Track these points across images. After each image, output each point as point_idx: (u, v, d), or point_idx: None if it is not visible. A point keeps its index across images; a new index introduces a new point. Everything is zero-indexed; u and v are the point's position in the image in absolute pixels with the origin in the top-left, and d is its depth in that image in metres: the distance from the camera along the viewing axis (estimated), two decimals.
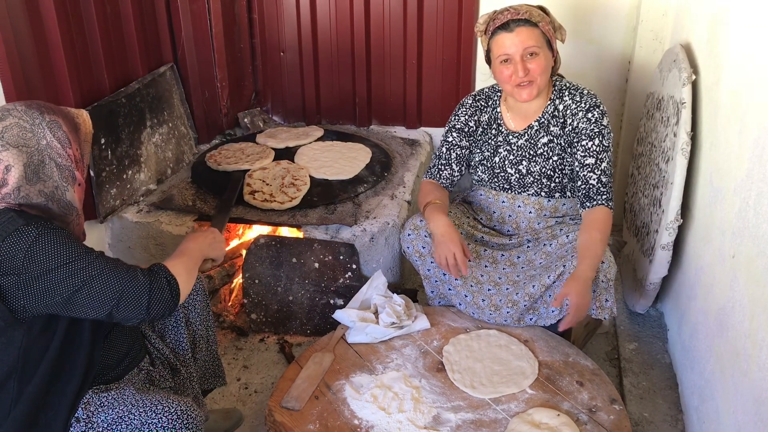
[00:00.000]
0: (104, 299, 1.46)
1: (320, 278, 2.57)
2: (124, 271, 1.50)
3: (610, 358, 2.48)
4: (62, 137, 1.53)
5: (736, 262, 1.73)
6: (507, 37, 2.09)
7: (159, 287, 1.54)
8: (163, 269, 1.59)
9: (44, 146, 1.49)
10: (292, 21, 3.37)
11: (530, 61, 2.09)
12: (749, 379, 1.56)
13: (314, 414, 1.88)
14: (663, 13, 2.95)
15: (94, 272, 1.46)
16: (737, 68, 1.89)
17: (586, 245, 2.07)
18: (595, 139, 2.17)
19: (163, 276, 1.57)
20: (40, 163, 1.48)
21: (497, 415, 1.86)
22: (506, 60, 2.11)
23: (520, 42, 2.07)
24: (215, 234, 1.93)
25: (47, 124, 1.51)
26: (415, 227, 2.29)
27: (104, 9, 2.54)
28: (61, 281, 1.44)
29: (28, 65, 2.16)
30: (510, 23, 2.08)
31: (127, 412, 1.53)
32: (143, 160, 2.74)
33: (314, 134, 3.24)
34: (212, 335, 2.05)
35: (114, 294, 1.47)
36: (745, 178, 1.71)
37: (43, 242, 1.43)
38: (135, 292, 1.49)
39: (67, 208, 1.54)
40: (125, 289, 1.48)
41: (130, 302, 1.49)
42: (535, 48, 2.08)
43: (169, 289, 1.56)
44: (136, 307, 1.50)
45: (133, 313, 1.50)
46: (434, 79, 3.35)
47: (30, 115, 1.49)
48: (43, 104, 1.55)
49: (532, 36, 2.08)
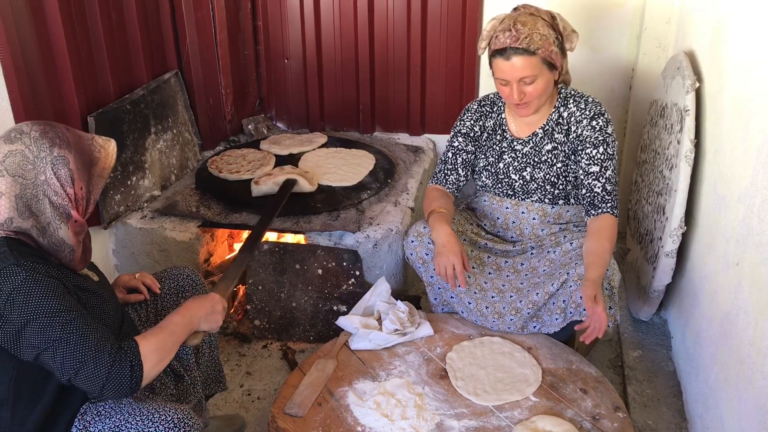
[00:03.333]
0: (65, 368, 1.41)
1: (323, 285, 2.57)
2: (92, 343, 1.43)
3: (614, 365, 2.47)
4: (64, 175, 1.49)
5: (740, 269, 1.73)
6: (504, 64, 2.08)
7: (119, 371, 1.44)
8: (133, 350, 1.48)
9: (41, 182, 1.46)
10: (297, 28, 3.39)
11: (527, 86, 2.10)
12: (754, 386, 1.55)
13: (317, 421, 1.87)
14: (666, 21, 2.96)
15: (62, 336, 1.41)
16: (741, 75, 1.89)
17: (594, 252, 2.05)
18: (600, 147, 2.17)
19: (128, 361, 1.46)
20: (33, 198, 1.46)
21: (500, 422, 1.85)
22: (504, 84, 2.13)
23: (517, 71, 2.07)
24: (214, 303, 1.76)
25: (52, 160, 1.47)
26: (418, 234, 2.29)
27: (109, 16, 2.55)
28: (31, 336, 1.40)
29: (34, 71, 2.17)
30: (508, 50, 2.06)
31: (123, 422, 1.52)
32: (147, 167, 2.75)
33: (318, 141, 3.25)
34: (214, 340, 2.06)
35: (74, 365, 1.41)
36: (749, 186, 1.70)
37: (26, 290, 1.40)
38: (95, 370, 1.42)
39: (58, 245, 1.51)
40: (86, 363, 1.42)
41: (87, 378, 1.42)
42: (531, 77, 2.08)
43: (130, 375, 1.46)
44: (92, 383, 1.43)
45: (89, 388, 1.44)
46: (438, 86, 3.35)
47: (39, 145, 1.47)
48: (61, 134, 1.51)
49: (528, 66, 2.06)
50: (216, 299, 1.77)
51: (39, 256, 1.47)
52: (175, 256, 2.64)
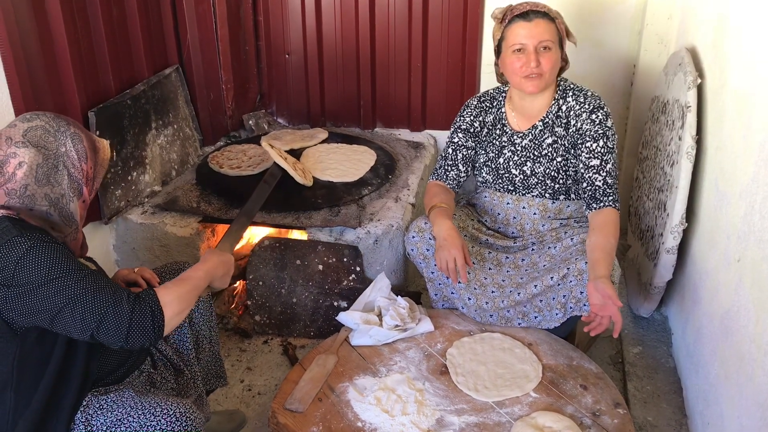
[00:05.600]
0: (85, 322, 1.42)
1: (324, 280, 2.58)
2: (109, 294, 1.45)
3: (614, 361, 2.47)
4: (81, 150, 1.56)
5: (742, 266, 1.73)
6: (525, 26, 2.11)
7: (140, 316, 1.46)
8: (151, 297, 1.51)
9: (62, 153, 1.53)
10: (298, 23, 3.38)
11: (543, 54, 2.11)
12: (754, 383, 1.55)
13: (317, 416, 1.88)
14: (668, 17, 2.95)
15: (78, 292, 1.42)
16: (743, 72, 1.89)
17: (600, 246, 2.04)
18: (600, 141, 2.16)
19: (149, 306, 1.49)
20: (53, 168, 1.51)
21: (501, 418, 1.86)
22: (519, 50, 2.13)
23: (538, 33, 2.09)
24: (230, 267, 1.81)
25: (71, 135, 1.55)
26: (419, 230, 2.29)
27: (110, 11, 2.54)
28: (47, 298, 1.41)
29: (34, 66, 2.17)
30: (530, 13, 2.11)
31: (126, 415, 1.54)
32: (148, 162, 2.75)
33: (319, 136, 3.25)
34: (215, 335, 2.06)
35: (95, 318, 1.42)
36: (751, 182, 1.70)
37: (34, 255, 1.41)
38: (116, 319, 1.44)
39: (68, 219, 1.54)
40: (107, 313, 1.43)
41: (110, 328, 1.44)
42: (550, 42, 2.11)
43: (152, 320, 1.48)
44: (115, 333, 1.44)
45: (112, 339, 1.45)
46: (439, 81, 3.35)
47: (57, 122, 1.55)
48: (71, 120, 1.60)
49: (548, 30, 2.11)
50: (231, 262, 1.83)
51: (42, 231, 1.48)
52: (176, 251, 2.64)
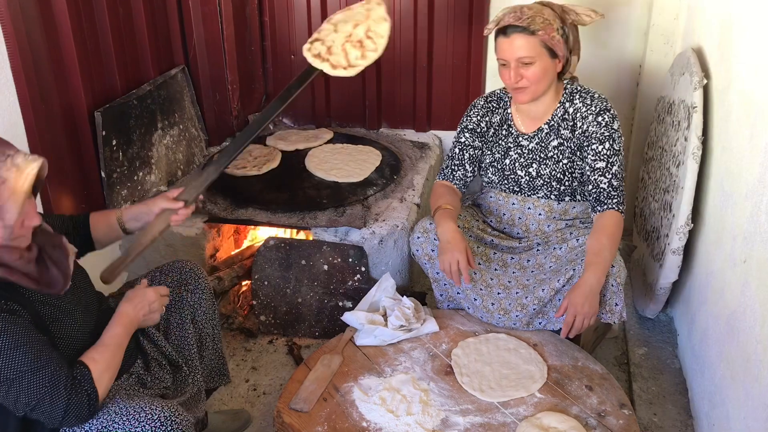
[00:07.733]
0: (18, 404, 1.42)
1: (329, 280, 2.58)
2: (46, 380, 1.42)
3: (620, 362, 2.47)
4: None
5: (748, 266, 1.72)
6: (504, 41, 2.10)
7: (77, 403, 1.46)
8: (86, 378, 1.50)
9: None
10: (303, 24, 3.38)
11: (524, 68, 2.10)
12: (760, 384, 1.55)
13: (322, 416, 1.88)
14: (674, 17, 2.94)
15: (13, 374, 1.39)
16: (749, 72, 1.89)
17: (594, 251, 2.06)
18: (606, 143, 2.16)
19: (85, 391, 1.48)
20: None
21: (506, 418, 1.86)
22: (504, 64, 2.14)
23: (516, 49, 2.08)
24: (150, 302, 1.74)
25: None
26: (424, 230, 2.29)
27: (116, 11, 2.55)
28: None
29: (41, 66, 2.18)
30: (508, 29, 2.08)
31: (110, 422, 1.51)
32: (154, 162, 2.76)
33: (324, 137, 3.25)
34: (218, 333, 2.06)
35: (30, 402, 1.42)
36: (757, 183, 1.70)
37: None
38: (51, 405, 1.43)
39: None
40: (42, 400, 1.42)
41: (44, 412, 1.43)
42: (528, 59, 2.08)
43: (88, 404, 1.48)
44: (50, 417, 1.44)
45: (46, 421, 1.45)
46: (444, 82, 3.34)
47: None
48: None
49: (525, 46, 2.07)
50: (150, 297, 1.75)
51: None
52: (182, 251, 2.64)
